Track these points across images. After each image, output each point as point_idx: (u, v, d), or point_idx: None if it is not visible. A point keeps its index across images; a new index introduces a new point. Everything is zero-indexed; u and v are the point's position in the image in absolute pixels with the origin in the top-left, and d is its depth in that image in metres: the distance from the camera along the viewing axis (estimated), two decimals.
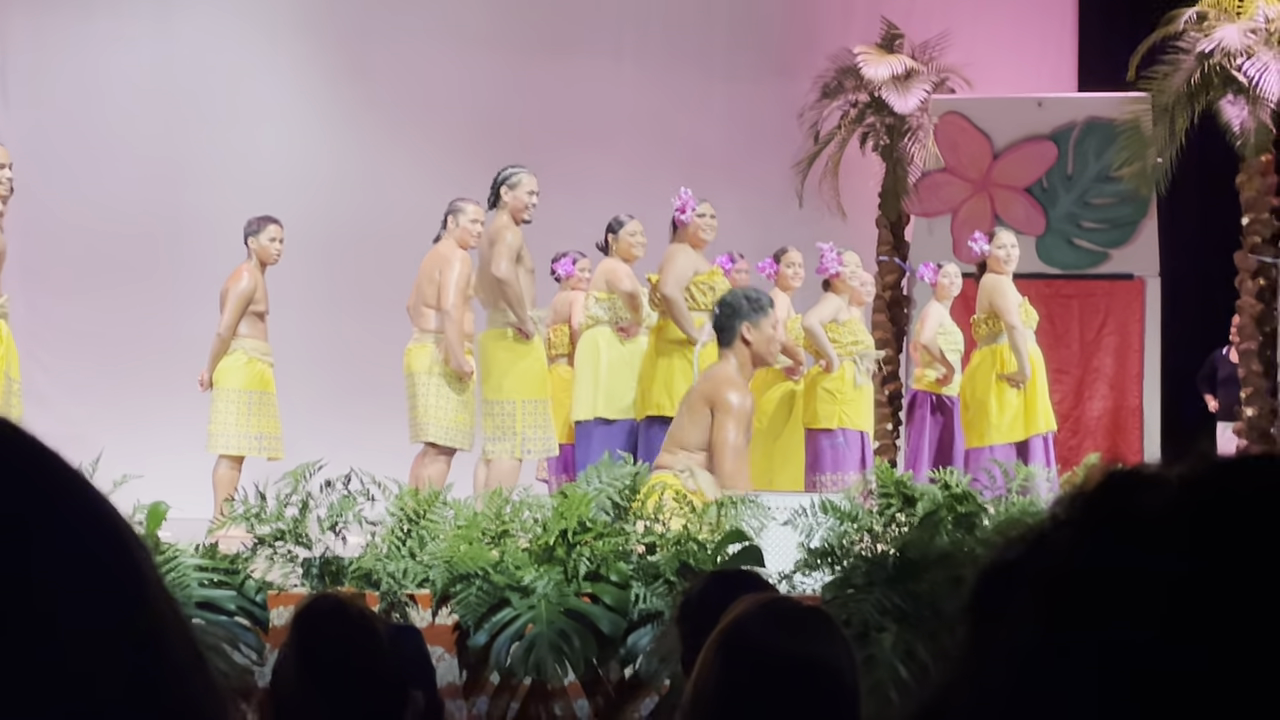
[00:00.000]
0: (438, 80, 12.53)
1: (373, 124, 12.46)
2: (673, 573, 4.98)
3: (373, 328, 11.00)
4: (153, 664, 0.66)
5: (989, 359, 9.03)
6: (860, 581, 4.91)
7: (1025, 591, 0.62)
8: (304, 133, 12.43)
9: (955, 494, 5.19)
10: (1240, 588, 0.59)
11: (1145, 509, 0.62)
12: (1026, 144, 11.57)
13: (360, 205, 12.17)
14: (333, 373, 11.66)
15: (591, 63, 12.85)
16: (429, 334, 7.75)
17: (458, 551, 5.00)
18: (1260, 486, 0.61)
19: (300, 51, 12.51)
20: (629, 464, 5.41)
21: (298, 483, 5.14)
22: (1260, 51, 10.34)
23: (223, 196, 11.38)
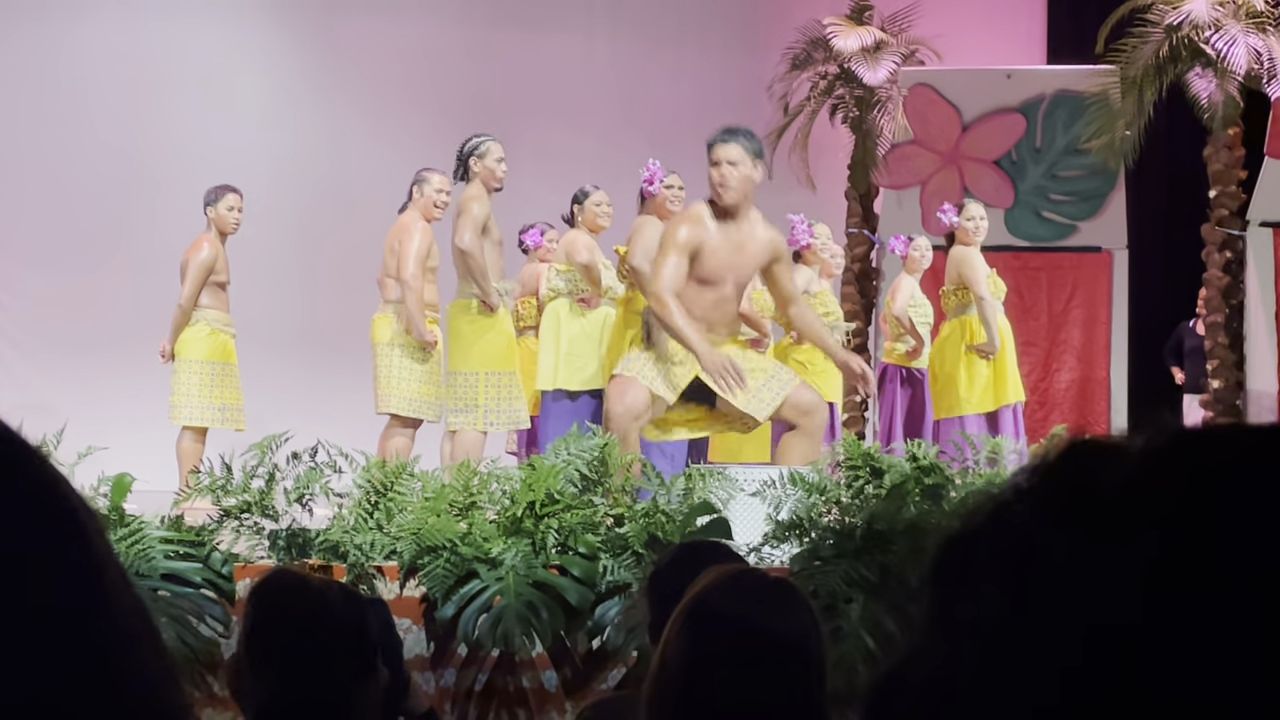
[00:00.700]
0: (405, 52, 12.47)
1: (340, 95, 12.39)
2: (641, 545, 4.98)
3: (338, 297, 10.96)
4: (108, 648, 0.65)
5: (958, 330, 9.05)
6: (828, 553, 4.93)
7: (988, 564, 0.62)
8: (270, 103, 12.35)
9: (922, 465, 5.21)
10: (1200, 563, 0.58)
11: (1106, 482, 0.61)
12: (995, 116, 11.59)
13: (327, 175, 12.11)
14: (300, 344, 11.62)
15: (561, 34, 12.80)
16: (391, 304, 7.73)
17: (425, 524, 4.99)
18: (1220, 459, 0.61)
19: (265, 21, 12.42)
20: (597, 436, 5.40)
21: (264, 455, 5.12)
22: (1228, 24, 10.37)
23: (187, 168, 11.30)
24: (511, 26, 12.67)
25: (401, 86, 12.40)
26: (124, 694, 0.65)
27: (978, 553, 0.63)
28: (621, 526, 5.08)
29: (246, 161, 11.52)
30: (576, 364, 8.17)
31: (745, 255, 6.24)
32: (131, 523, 4.89)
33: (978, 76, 11.68)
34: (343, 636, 2.38)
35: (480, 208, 7.52)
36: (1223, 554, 0.58)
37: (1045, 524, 0.62)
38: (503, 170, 7.64)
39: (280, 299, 11.56)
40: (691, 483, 5.33)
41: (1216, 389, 10.83)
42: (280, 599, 2.42)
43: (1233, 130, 10.78)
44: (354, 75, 12.41)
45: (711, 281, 6.19)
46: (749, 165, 6.21)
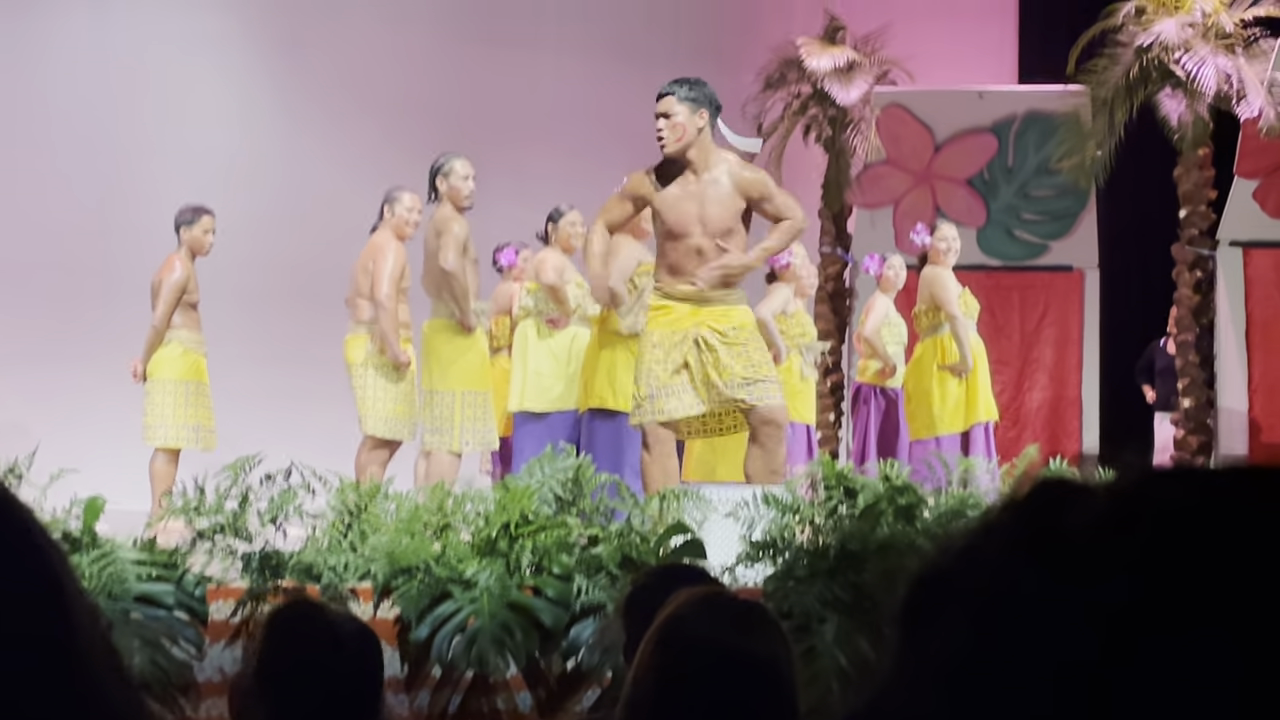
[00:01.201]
0: (377, 70, 12.47)
1: (312, 113, 12.38)
2: (615, 565, 4.98)
3: (310, 316, 10.94)
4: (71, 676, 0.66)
5: (931, 350, 9.09)
6: (802, 573, 4.94)
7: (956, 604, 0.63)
8: (241, 122, 12.33)
9: (896, 486, 5.22)
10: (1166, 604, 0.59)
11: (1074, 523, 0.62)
12: (967, 136, 11.65)
13: (297, 193, 12.10)
14: (270, 363, 11.59)
15: (533, 52, 12.83)
16: (363, 324, 7.72)
17: (399, 545, 4.98)
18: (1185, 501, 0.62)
19: (235, 38, 12.40)
20: (571, 456, 5.41)
21: (237, 476, 5.11)
22: (1198, 46, 10.45)
23: (158, 185, 11.27)
24: (482, 43, 12.69)
25: (372, 103, 12.40)
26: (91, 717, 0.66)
27: (947, 593, 0.64)
28: (596, 547, 5.09)
29: (218, 176, 11.51)
30: (543, 384, 8.18)
31: (709, 205, 6.27)
32: (104, 545, 4.87)
33: (950, 97, 11.74)
34: (354, 670, 2.38)
35: (460, 227, 7.53)
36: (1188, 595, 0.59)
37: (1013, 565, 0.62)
38: (470, 188, 7.64)
39: (251, 315, 11.53)
40: (665, 503, 5.34)
41: (1187, 407, 10.89)
42: (296, 627, 2.41)
43: (1202, 150, 10.86)
44: (326, 91, 12.40)
45: (678, 234, 6.27)
46: (686, 115, 6.26)
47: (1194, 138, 10.67)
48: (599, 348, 7.96)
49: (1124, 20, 10.65)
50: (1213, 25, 10.55)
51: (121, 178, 11.90)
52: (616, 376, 7.79)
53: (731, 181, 6.29)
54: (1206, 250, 10.92)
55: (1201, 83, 10.31)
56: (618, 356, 7.84)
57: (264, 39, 12.42)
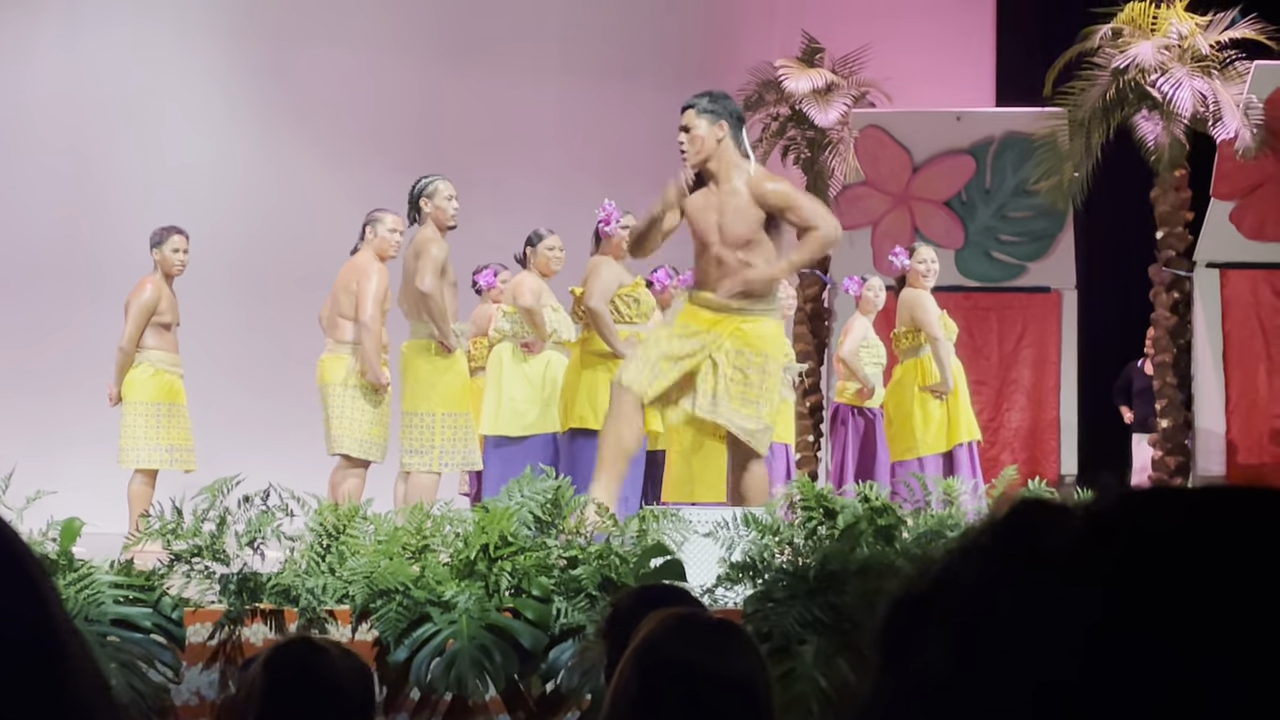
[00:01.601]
0: (357, 89, 12.48)
1: (291, 132, 12.38)
2: (595, 587, 4.97)
3: (290, 337, 10.92)
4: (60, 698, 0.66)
5: (912, 372, 9.10)
6: (781, 594, 4.93)
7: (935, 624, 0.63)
8: (220, 140, 12.32)
9: (875, 506, 5.23)
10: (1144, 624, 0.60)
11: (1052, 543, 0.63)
12: (945, 158, 11.70)
13: (277, 213, 12.09)
14: (251, 383, 11.56)
15: (515, 72, 12.84)
16: (344, 345, 7.70)
17: (378, 567, 4.96)
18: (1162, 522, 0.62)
19: (215, 58, 12.40)
20: (550, 478, 5.40)
21: (215, 498, 5.08)
22: (1174, 68, 10.52)
23: (137, 205, 11.25)
24: (464, 64, 12.71)
25: (353, 124, 12.40)
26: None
27: (926, 613, 0.64)
28: (575, 569, 5.08)
29: (197, 195, 11.50)
30: (517, 409, 8.17)
31: (727, 215, 6.32)
32: (81, 567, 4.84)
33: (928, 119, 11.79)
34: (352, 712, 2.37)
35: (439, 249, 7.53)
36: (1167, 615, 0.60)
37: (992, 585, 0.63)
38: (454, 209, 7.64)
39: (230, 335, 11.51)
40: (645, 524, 5.33)
41: (1165, 428, 10.93)
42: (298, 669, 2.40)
43: (1179, 172, 10.92)
44: (306, 112, 12.41)
45: (701, 243, 6.35)
46: (706, 127, 6.31)
47: (1170, 159, 10.73)
48: (580, 368, 7.96)
49: (1101, 43, 10.72)
50: (1189, 48, 10.62)
51: (99, 198, 11.88)
52: (597, 397, 7.78)
53: (749, 192, 6.34)
54: (1184, 271, 10.98)
55: (1178, 105, 10.37)
56: (598, 377, 7.84)
57: (242, 59, 12.42)
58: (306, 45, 12.44)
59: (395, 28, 12.62)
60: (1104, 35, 10.73)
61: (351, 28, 12.54)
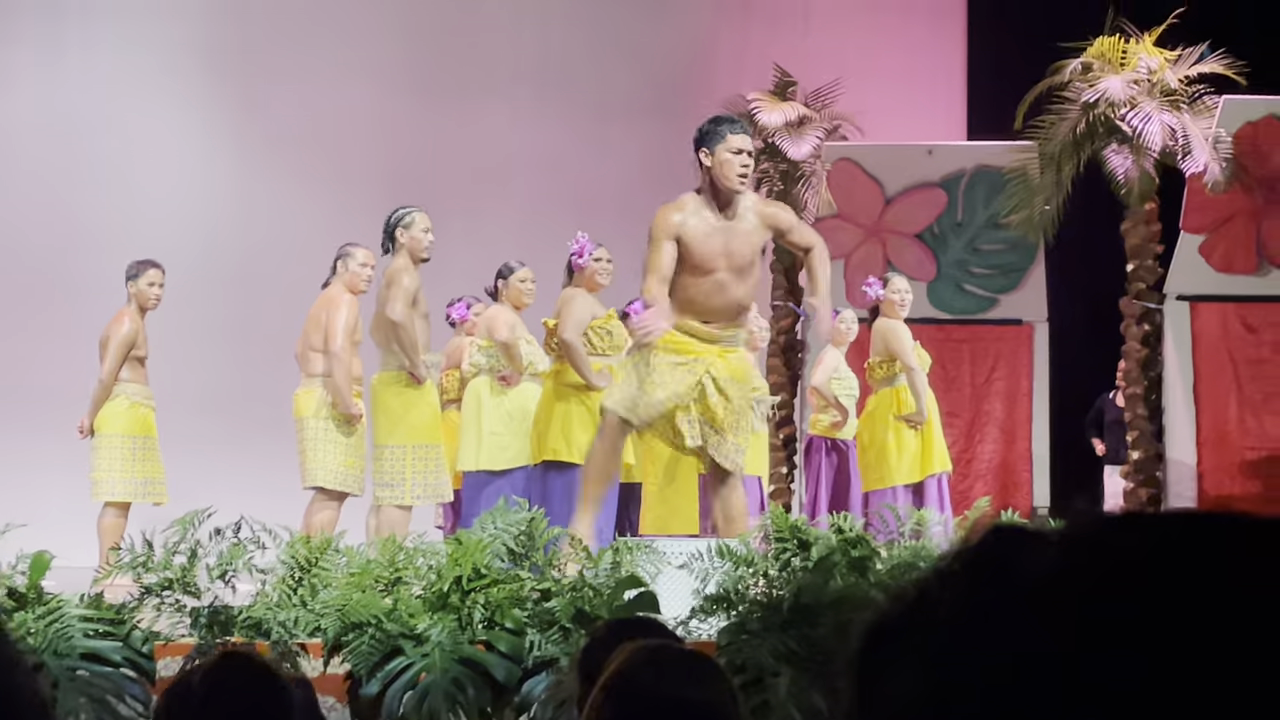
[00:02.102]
0: (329, 120, 12.48)
1: (267, 163, 12.37)
2: (568, 619, 4.96)
3: (264, 369, 10.88)
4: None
5: (887, 401, 9.13)
6: (755, 626, 4.93)
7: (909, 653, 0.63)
8: (195, 171, 12.30)
9: (848, 538, 5.23)
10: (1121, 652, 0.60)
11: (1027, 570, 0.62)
12: (917, 191, 11.75)
13: (250, 242, 12.07)
14: (225, 415, 11.51)
15: (486, 103, 12.87)
16: (316, 378, 7.70)
17: (350, 600, 4.94)
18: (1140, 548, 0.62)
19: (191, 90, 12.39)
20: (524, 509, 5.39)
21: (186, 530, 5.06)
22: (1143, 102, 10.60)
23: (113, 233, 11.23)
24: (436, 95, 12.73)
25: (325, 154, 12.40)
26: None
27: (900, 642, 0.64)
28: (549, 601, 5.06)
29: (172, 228, 11.48)
30: (500, 443, 8.16)
31: (735, 239, 6.34)
32: (50, 601, 4.81)
33: (899, 152, 11.86)
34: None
35: (410, 279, 7.54)
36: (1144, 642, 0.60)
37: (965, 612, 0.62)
38: (430, 240, 7.66)
39: (204, 368, 11.47)
40: (619, 556, 5.32)
41: (1136, 459, 10.97)
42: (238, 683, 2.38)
43: (1149, 206, 10.99)
44: (280, 142, 12.40)
45: (703, 269, 6.27)
46: None
47: (1140, 193, 10.80)
48: (553, 400, 7.96)
49: (1071, 77, 10.80)
50: (1158, 83, 10.71)
51: (71, 230, 11.84)
52: (571, 429, 7.78)
53: (757, 217, 6.38)
54: (1154, 304, 11.04)
55: (1147, 139, 10.45)
56: (572, 409, 7.84)
57: (219, 91, 12.41)
58: (283, 77, 12.45)
59: (370, 60, 12.63)
60: (1074, 70, 10.81)
61: (327, 59, 12.55)
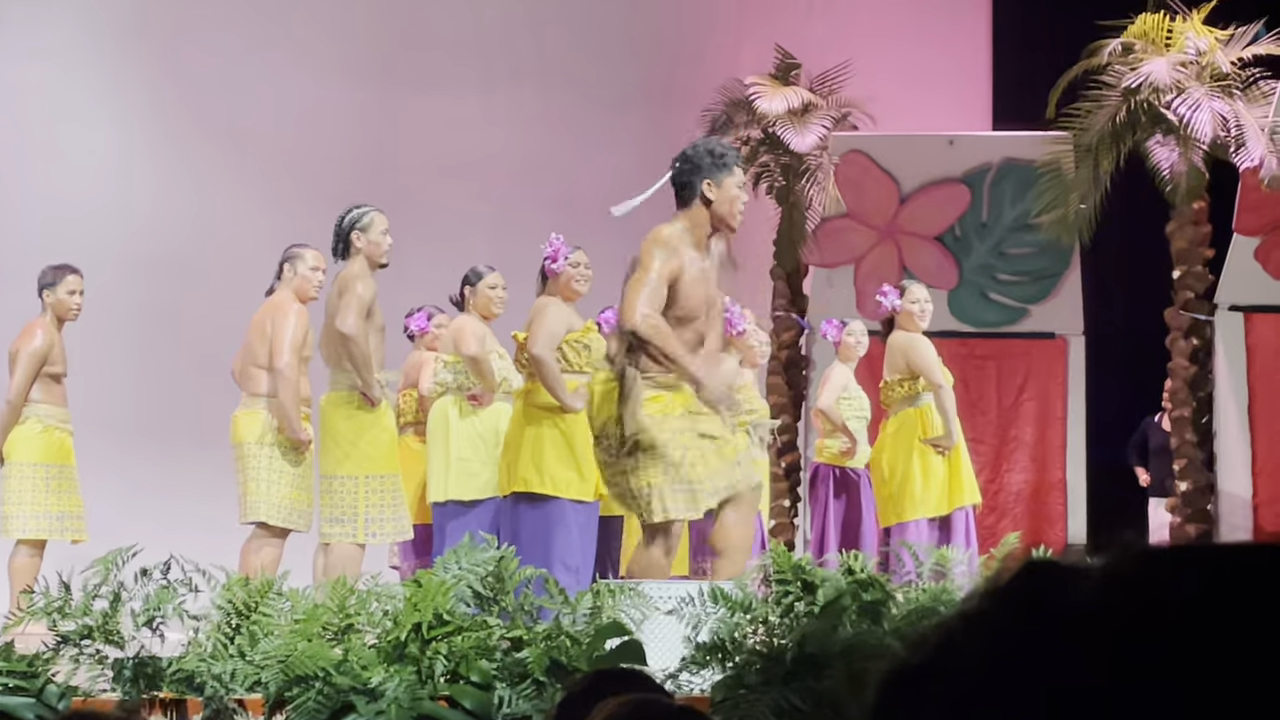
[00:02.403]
0: (280, 113, 12.47)
1: (203, 162, 12.35)
2: (542, 672, 4.96)
3: (196, 388, 10.86)
4: None
5: (911, 423, 9.09)
6: (754, 680, 4.93)
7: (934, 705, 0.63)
8: (126, 169, 12.28)
9: (860, 580, 5.23)
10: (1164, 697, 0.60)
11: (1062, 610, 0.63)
12: (936, 187, 11.78)
13: (186, 253, 12.04)
14: (152, 442, 11.48)
15: (454, 92, 12.88)
16: (259, 399, 7.67)
17: (294, 650, 4.93)
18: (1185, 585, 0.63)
19: (119, 74, 12.37)
20: (493, 547, 5.39)
21: (108, 571, 5.05)
22: (1191, 88, 10.63)
23: (25, 238, 11.20)
24: (397, 82, 12.74)
25: (268, 149, 12.39)
26: None
27: (923, 692, 0.64)
28: (520, 651, 5.06)
29: (96, 233, 11.44)
30: (469, 470, 8.15)
31: (712, 287, 6.36)
32: None
33: (917, 143, 11.89)
34: None
35: (365, 288, 7.52)
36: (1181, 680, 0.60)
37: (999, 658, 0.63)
38: (388, 244, 7.66)
39: (130, 389, 11.44)
40: (600, 600, 5.32)
41: (1184, 491, 10.99)
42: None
43: (1197, 204, 11.02)
44: (218, 136, 12.39)
45: (691, 318, 6.25)
46: None
47: (1188, 190, 10.84)
48: (523, 424, 7.94)
49: (1109, 59, 10.84)
50: (1208, 65, 10.75)
51: None
52: (543, 456, 7.77)
53: (718, 254, 6.43)
54: (1203, 315, 11.07)
55: (1196, 129, 10.48)
56: (544, 433, 7.83)
57: (153, 80, 12.40)
58: (222, 64, 12.42)
59: (322, 46, 12.63)
60: (1113, 51, 10.85)
61: (274, 45, 12.54)
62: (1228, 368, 10.94)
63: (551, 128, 12.97)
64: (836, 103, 12.02)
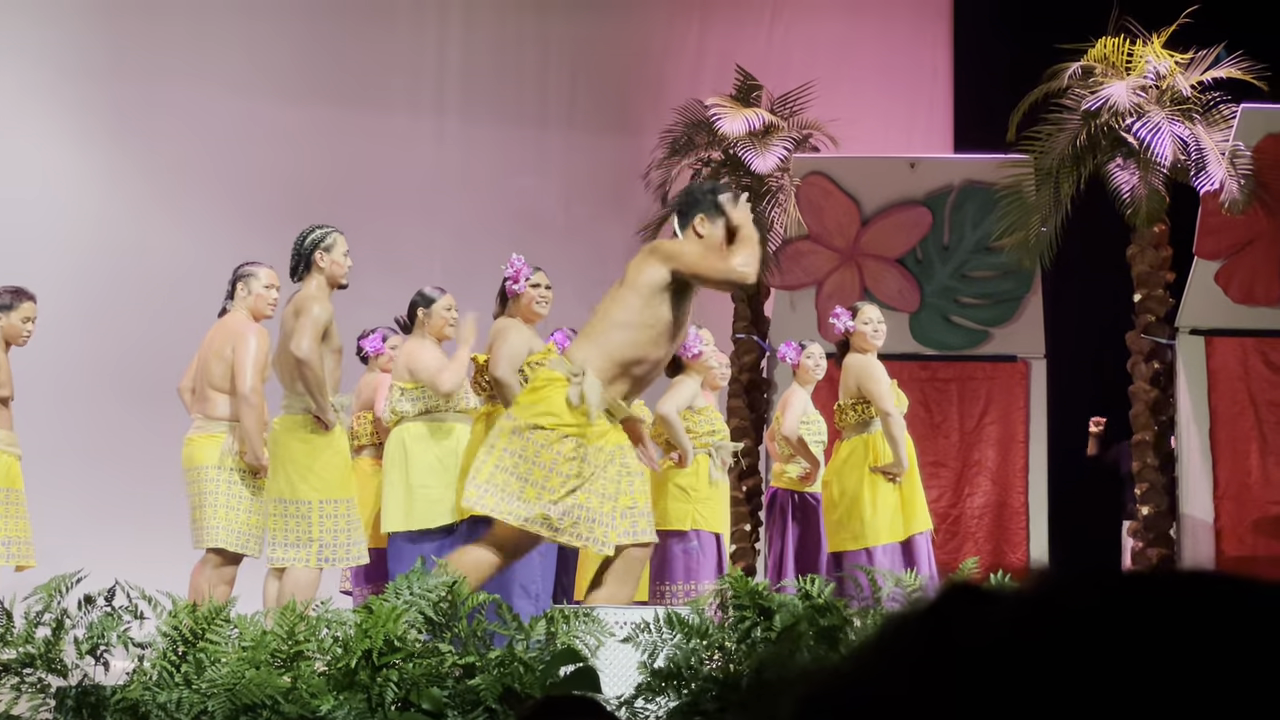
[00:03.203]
0: (229, 135, 12.40)
1: (149, 182, 12.26)
2: (495, 699, 4.90)
3: (143, 414, 10.77)
4: None
5: (860, 449, 9.03)
6: (710, 707, 4.88)
7: None
8: (67, 190, 12.18)
9: (817, 605, 5.19)
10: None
11: (970, 635, 0.63)
12: (898, 210, 11.79)
13: (132, 269, 11.95)
14: (100, 466, 11.38)
15: (408, 112, 12.84)
16: (217, 422, 7.59)
17: (241, 678, 4.86)
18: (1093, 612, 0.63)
19: (62, 101, 12.27)
20: (445, 573, 5.32)
21: (51, 598, 4.97)
22: (1151, 111, 10.67)
23: None
24: (351, 103, 12.68)
25: (222, 169, 12.31)
26: None
27: (832, 713, 0.64)
28: (472, 678, 5.00)
29: (39, 252, 11.34)
30: (431, 497, 8.07)
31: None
32: None
33: (878, 165, 11.90)
34: None
35: (322, 310, 7.45)
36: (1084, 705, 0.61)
37: (902, 682, 0.64)
38: (349, 265, 7.61)
39: (77, 411, 11.33)
40: (554, 626, 5.26)
41: (1146, 515, 11.00)
42: None
43: (1158, 227, 11.06)
44: (169, 158, 12.30)
45: (669, 337, 6.21)
46: None
47: (1148, 213, 10.87)
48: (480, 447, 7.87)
49: (1070, 82, 10.87)
50: (1168, 89, 10.79)
51: None
52: None
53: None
54: (1164, 339, 11.09)
55: (1156, 152, 10.52)
56: None
57: (94, 100, 12.30)
58: (169, 87, 12.34)
59: (272, 67, 12.57)
60: (1073, 74, 10.89)
61: (221, 66, 12.47)
62: (1189, 391, 10.96)
63: (506, 149, 12.93)
64: (798, 124, 12.03)
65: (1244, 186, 10.58)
